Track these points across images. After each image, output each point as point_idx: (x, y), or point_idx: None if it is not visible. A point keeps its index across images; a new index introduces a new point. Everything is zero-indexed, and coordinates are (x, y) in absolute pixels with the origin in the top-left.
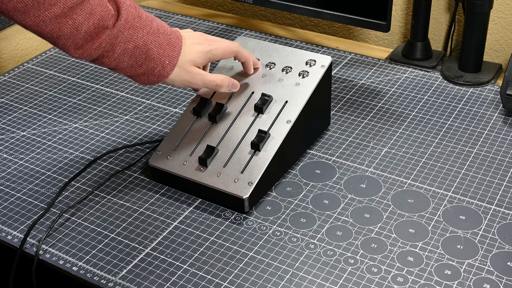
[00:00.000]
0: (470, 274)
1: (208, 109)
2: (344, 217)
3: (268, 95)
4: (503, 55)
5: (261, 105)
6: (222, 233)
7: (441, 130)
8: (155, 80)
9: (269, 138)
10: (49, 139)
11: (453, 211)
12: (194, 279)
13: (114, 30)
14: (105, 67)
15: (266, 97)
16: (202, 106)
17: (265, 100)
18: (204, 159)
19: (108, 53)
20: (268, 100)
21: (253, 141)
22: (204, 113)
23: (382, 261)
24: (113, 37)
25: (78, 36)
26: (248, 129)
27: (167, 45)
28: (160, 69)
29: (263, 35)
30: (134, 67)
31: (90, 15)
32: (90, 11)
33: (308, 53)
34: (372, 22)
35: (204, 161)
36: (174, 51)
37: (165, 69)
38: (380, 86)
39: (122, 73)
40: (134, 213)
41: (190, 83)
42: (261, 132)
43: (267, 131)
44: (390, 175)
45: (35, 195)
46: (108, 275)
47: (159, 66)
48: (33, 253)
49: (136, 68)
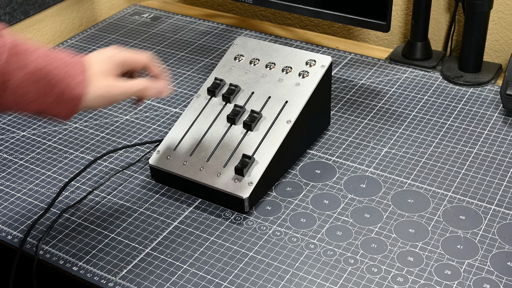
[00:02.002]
0: (470, 274)
1: (208, 109)
2: (344, 217)
3: (257, 111)
4: (503, 55)
5: (249, 122)
6: (222, 233)
7: (441, 130)
8: (71, 106)
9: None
10: (49, 139)
11: (453, 211)
12: (194, 279)
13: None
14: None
15: (256, 114)
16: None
17: (254, 117)
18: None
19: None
20: (257, 117)
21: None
22: (204, 113)
23: (382, 261)
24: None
25: None
26: (248, 129)
27: (69, 64)
28: (70, 92)
29: (263, 35)
30: (40, 97)
31: None
32: None
33: (308, 53)
34: (372, 22)
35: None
36: (78, 67)
37: (75, 89)
38: (380, 86)
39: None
40: (134, 213)
41: (111, 96)
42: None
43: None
44: (390, 175)
45: (35, 195)
46: (108, 275)
47: (68, 88)
48: (33, 253)
49: (44, 98)
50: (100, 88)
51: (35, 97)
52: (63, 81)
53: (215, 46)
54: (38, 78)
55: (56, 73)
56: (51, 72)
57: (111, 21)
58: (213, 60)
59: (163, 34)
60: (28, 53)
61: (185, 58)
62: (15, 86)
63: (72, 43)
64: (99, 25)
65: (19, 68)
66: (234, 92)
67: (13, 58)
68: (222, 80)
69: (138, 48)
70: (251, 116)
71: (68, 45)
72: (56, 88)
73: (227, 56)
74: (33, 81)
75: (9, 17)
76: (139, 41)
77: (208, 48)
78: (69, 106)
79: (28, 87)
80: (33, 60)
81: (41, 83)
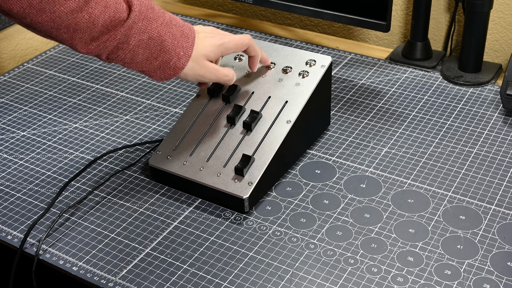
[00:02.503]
0: (470, 274)
1: (208, 109)
2: (344, 217)
3: (257, 111)
4: (503, 55)
5: (250, 122)
6: (222, 233)
7: (441, 130)
8: (171, 73)
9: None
10: (49, 139)
11: (453, 211)
12: (194, 279)
13: (128, 22)
14: (119, 62)
15: (255, 114)
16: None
17: (254, 117)
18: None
19: (123, 45)
20: (257, 117)
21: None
22: (204, 113)
23: (382, 261)
24: (127, 29)
25: (94, 29)
26: (248, 129)
27: (180, 36)
28: (175, 61)
29: (263, 35)
30: (149, 59)
31: (105, 8)
32: (104, 4)
33: (308, 53)
34: (372, 22)
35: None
36: (188, 42)
37: (180, 60)
38: (380, 86)
39: (137, 69)
40: (134, 213)
41: (203, 77)
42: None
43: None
44: (390, 175)
45: (35, 195)
46: (108, 275)
47: (174, 57)
48: (33, 253)
49: (151, 61)
50: (200, 68)
51: (145, 58)
52: (173, 51)
53: None
54: (152, 45)
55: (170, 43)
56: (164, 42)
57: None
58: None
59: None
60: (154, 19)
61: None
62: (131, 48)
63: None
64: None
65: (141, 32)
66: (233, 91)
67: (140, 23)
68: None
69: None
70: (251, 116)
71: None
72: (165, 55)
73: (227, 56)
74: (148, 46)
75: None
76: None
77: None
78: (169, 73)
79: (141, 50)
80: (154, 28)
81: (153, 49)
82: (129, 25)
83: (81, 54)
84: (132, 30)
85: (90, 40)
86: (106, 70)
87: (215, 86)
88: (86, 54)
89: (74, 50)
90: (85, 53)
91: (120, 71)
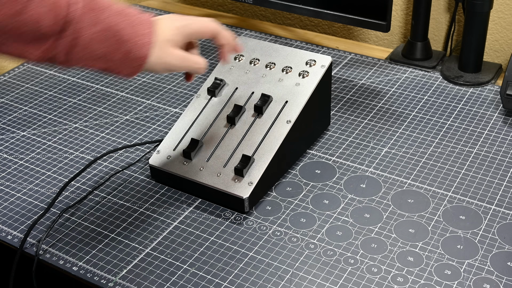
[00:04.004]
0: (470, 274)
1: (208, 109)
2: (344, 217)
3: (268, 95)
4: (503, 55)
5: (261, 105)
6: (222, 233)
7: (441, 130)
8: (136, 64)
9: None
10: (49, 139)
11: (453, 211)
12: (194, 279)
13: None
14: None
15: (266, 97)
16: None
17: (265, 101)
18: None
19: (76, 41)
20: (268, 100)
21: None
22: (204, 113)
23: (382, 261)
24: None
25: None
26: (248, 129)
27: (138, 24)
28: (136, 51)
29: (263, 35)
30: (109, 54)
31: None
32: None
33: (308, 53)
34: (372, 22)
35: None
36: (146, 28)
37: (141, 49)
38: (380, 86)
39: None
40: (134, 213)
41: (172, 66)
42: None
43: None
44: (390, 175)
45: (35, 195)
46: (108, 275)
47: (135, 47)
48: (33, 253)
49: (112, 55)
50: (164, 55)
51: (102, 54)
52: (131, 40)
53: (215, 46)
54: (108, 36)
55: (126, 32)
56: (121, 31)
57: None
58: (213, 60)
59: None
60: (102, 10)
61: None
62: (86, 43)
63: None
64: None
65: (91, 25)
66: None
67: (87, 15)
68: (222, 80)
69: None
70: (262, 99)
71: None
72: (123, 46)
73: None
74: (102, 39)
75: None
76: None
77: (208, 48)
78: (133, 65)
79: (98, 44)
80: (105, 18)
81: (110, 41)
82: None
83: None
84: (81, 23)
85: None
86: None
87: (215, 87)
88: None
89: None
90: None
91: None
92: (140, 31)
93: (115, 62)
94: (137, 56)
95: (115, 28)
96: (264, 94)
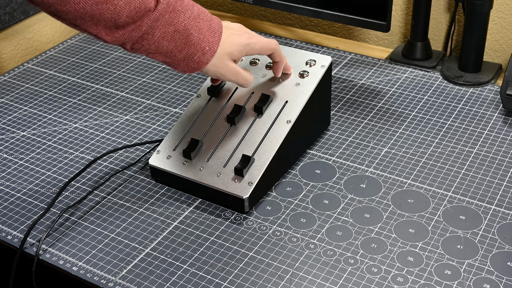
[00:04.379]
0: (470, 274)
1: (208, 109)
2: (344, 217)
3: (267, 95)
4: (503, 55)
5: (260, 105)
6: (222, 233)
7: (441, 130)
8: (194, 67)
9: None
10: (49, 139)
11: (453, 211)
12: (194, 279)
13: (155, 13)
14: (143, 52)
15: (266, 97)
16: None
17: (265, 101)
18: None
19: (148, 35)
20: (268, 100)
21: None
22: (204, 113)
23: (382, 261)
24: (153, 20)
25: (119, 20)
26: (248, 129)
27: (207, 30)
28: (199, 55)
29: (263, 35)
30: (173, 52)
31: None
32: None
33: (308, 53)
34: (372, 22)
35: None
36: (214, 37)
37: (205, 55)
38: (380, 86)
39: (161, 59)
40: (134, 213)
41: (223, 76)
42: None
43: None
44: (390, 175)
45: (35, 195)
46: (108, 275)
47: (199, 51)
48: (33, 253)
49: (176, 53)
50: (221, 65)
51: (169, 50)
52: (198, 45)
53: None
54: (179, 37)
55: (196, 37)
56: (192, 35)
57: None
58: None
59: None
60: (182, 12)
61: None
62: (158, 38)
63: (72, 43)
64: None
65: (167, 24)
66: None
67: (167, 15)
68: None
69: None
70: (262, 99)
71: (68, 45)
72: (190, 49)
73: None
74: (173, 38)
75: (9, 17)
76: None
77: None
78: (193, 66)
79: (167, 41)
80: (182, 21)
81: (180, 41)
82: (156, 17)
83: (81, 54)
84: (158, 22)
85: (115, 29)
86: (106, 70)
87: (215, 87)
88: (110, 43)
89: (98, 39)
90: (110, 42)
91: (120, 71)
92: (208, 38)
93: (177, 59)
94: (199, 60)
95: (186, 32)
96: (264, 94)
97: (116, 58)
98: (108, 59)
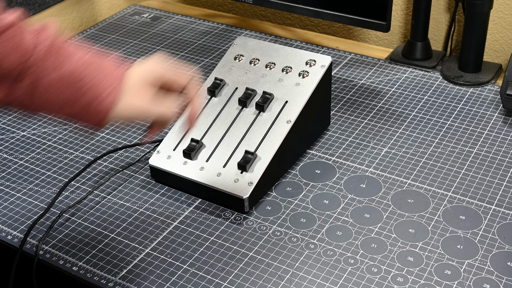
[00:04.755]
0: (470, 274)
1: (208, 109)
2: (344, 217)
3: (269, 93)
4: (503, 55)
5: (262, 103)
6: (222, 233)
7: (441, 130)
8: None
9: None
10: (49, 139)
11: (453, 211)
12: (194, 279)
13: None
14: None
15: (268, 95)
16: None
17: (267, 98)
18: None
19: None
20: (270, 98)
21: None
22: (204, 113)
23: (382, 261)
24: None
25: None
26: (248, 129)
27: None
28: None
29: (263, 35)
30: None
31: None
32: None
33: (308, 53)
34: (372, 22)
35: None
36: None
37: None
38: (380, 86)
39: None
40: (134, 213)
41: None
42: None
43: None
44: (390, 175)
45: (35, 195)
46: (108, 275)
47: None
48: (33, 253)
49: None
50: (128, 108)
51: (65, 101)
52: (94, 91)
53: (215, 46)
54: (71, 82)
55: (89, 81)
56: (84, 79)
57: (111, 21)
58: (213, 60)
59: (163, 34)
60: (68, 54)
61: (185, 58)
62: (47, 86)
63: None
64: (99, 25)
65: (55, 68)
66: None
67: (51, 57)
68: (222, 80)
69: (137, 48)
70: (264, 97)
71: None
72: (85, 96)
73: (227, 56)
74: (65, 85)
75: None
76: (139, 41)
77: (208, 48)
78: (97, 117)
79: (60, 89)
80: (71, 63)
81: (72, 88)
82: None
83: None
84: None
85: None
86: None
87: (215, 87)
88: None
89: None
90: None
91: None
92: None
93: (78, 111)
94: (99, 109)
95: (80, 75)
96: (265, 92)
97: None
98: None
